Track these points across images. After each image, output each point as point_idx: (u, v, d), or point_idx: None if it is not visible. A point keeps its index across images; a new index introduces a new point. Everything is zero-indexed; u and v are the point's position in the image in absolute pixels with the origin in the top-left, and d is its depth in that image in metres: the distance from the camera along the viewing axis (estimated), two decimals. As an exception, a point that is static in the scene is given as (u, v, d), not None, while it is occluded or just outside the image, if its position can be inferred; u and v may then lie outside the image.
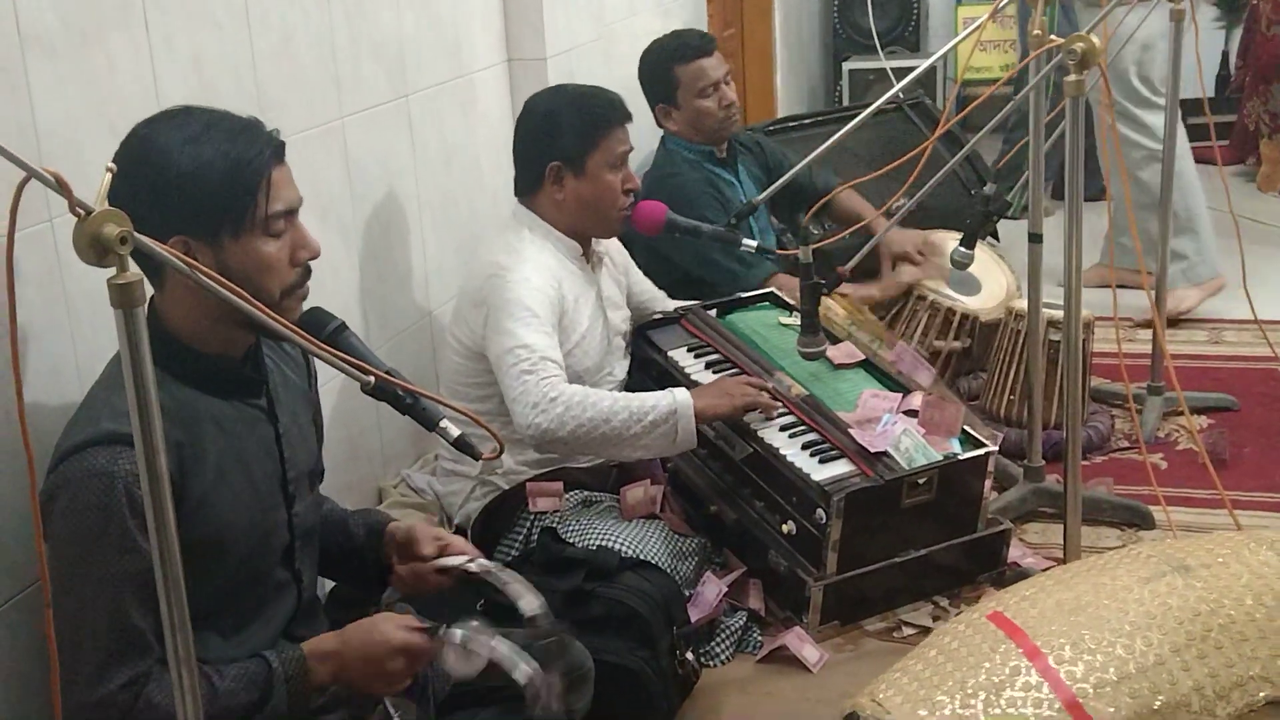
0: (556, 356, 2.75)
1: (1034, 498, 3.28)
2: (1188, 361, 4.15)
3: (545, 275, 2.84)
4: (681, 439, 2.75)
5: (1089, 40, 2.47)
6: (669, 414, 2.72)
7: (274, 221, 1.83)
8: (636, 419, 2.70)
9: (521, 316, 2.74)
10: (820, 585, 2.76)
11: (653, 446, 2.76)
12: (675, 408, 2.72)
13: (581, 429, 2.66)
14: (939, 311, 3.73)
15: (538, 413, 2.65)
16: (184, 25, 2.34)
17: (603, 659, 2.32)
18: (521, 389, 2.67)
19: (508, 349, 2.72)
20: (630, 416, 2.69)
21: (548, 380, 2.67)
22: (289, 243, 1.86)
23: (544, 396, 2.65)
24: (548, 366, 2.70)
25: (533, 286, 2.79)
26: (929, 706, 1.95)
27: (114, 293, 1.30)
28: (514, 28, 3.59)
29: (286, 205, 1.85)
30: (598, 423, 2.67)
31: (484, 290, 2.82)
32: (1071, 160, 2.55)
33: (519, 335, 2.72)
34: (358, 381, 1.66)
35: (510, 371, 2.70)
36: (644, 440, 2.73)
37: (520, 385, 2.68)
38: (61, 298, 2.03)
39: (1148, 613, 2.04)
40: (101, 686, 1.71)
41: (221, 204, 1.79)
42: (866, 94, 6.49)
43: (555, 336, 2.79)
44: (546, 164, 2.92)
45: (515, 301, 2.76)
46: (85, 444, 1.72)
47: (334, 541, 2.15)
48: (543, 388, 2.66)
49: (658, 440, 2.74)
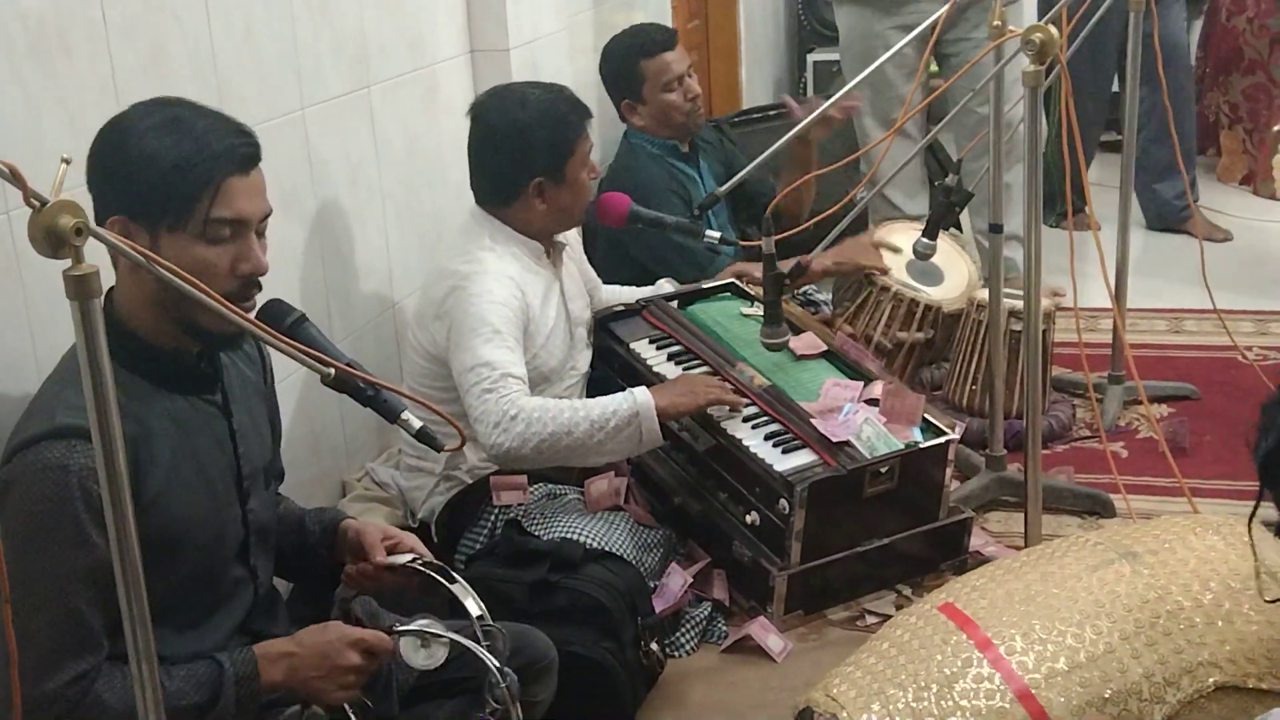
0: (519, 372, 2.73)
1: (996, 486, 3.30)
2: (1148, 351, 4.18)
3: (508, 286, 2.81)
4: (646, 439, 2.75)
5: (1048, 31, 2.49)
6: (630, 417, 2.71)
7: (216, 227, 1.80)
8: (599, 426, 2.69)
9: (483, 333, 2.73)
10: (784, 575, 2.77)
11: (619, 450, 2.76)
12: (637, 409, 2.72)
13: (545, 443, 2.65)
14: (902, 302, 3.74)
15: (499, 432, 2.64)
16: (142, 16, 2.32)
17: (567, 650, 2.33)
18: (483, 409, 2.66)
19: (469, 367, 2.71)
20: (592, 426, 2.69)
21: (507, 398, 2.66)
22: (231, 252, 1.82)
23: (504, 415, 2.64)
24: (509, 384, 2.69)
25: (495, 300, 2.77)
26: (882, 700, 1.97)
27: (70, 284, 1.29)
28: (477, 19, 3.58)
29: (235, 215, 1.81)
30: (559, 435, 2.66)
31: (446, 303, 2.80)
32: (1030, 151, 2.57)
33: (480, 353, 2.71)
34: (318, 374, 1.65)
35: (472, 390, 2.69)
36: (609, 445, 2.72)
37: (481, 405, 2.67)
38: (20, 290, 2.02)
39: (1096, 601, 2.06)
40: (48, 681, 1.70)
41: (161, 196, 1.77)
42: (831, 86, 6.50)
43: (519, 350, 2.77)
44: (528, 181, 2.88)
45: (476, 316, 2.74)
46: (39, 438, 1.71)
47: (290, 540, 2.14)
48: (502, 405, 2.65)
49: (623, 444, 2.74)
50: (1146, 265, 4.94)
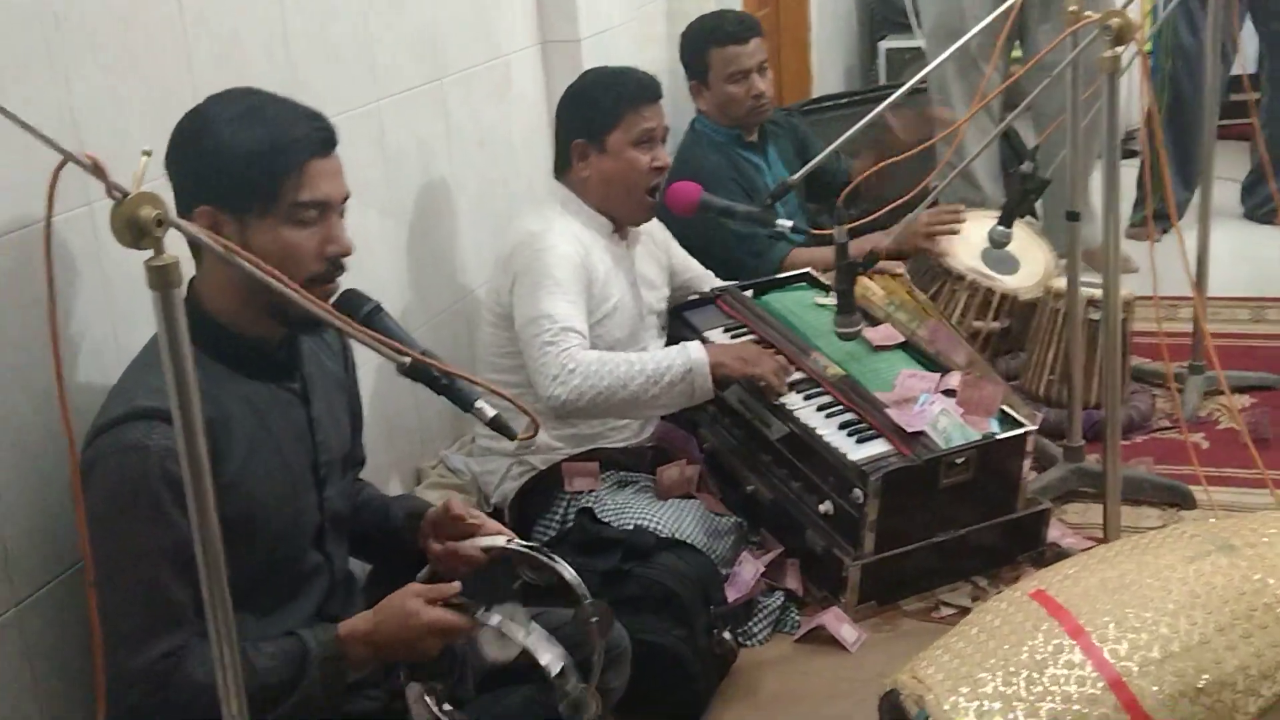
0: (580, 326, 2.76)
1: (1074, 478, 3.26)
2: (1229, 340, 4.11)
3: (573, 243, 2.85)
4: (699, 394, 2.79)
5: (1125, 16, 2.45)
6: (684, 373, 2.75)
7: (302, 210, 1.84)
8: (654, 380, 2.73)
9: (545, 285, 2.76)
10: (858, 565, 2.75)
11: (672, 404, 2.81)
12: (690, 365, 2.75)
13: (600, 397, 2.68)
14: (978, 292, 3.70)
15: (557, 384, 2.67)
16: (219, 8, 2.35)
17: (640, 638, 2.33)
18: (542, 360, 2.70)
19: (531, 318, 2.74)
20: (647, 380, 2.72)
21: (567, 351, 2.69)
22: (319, 234, 1.87)
23: (563, 368, 2.67)
24: (569, 337, 2.72)
25: (559, 254, 2.81)
26: (970, 684, 1.95)
27: (151, 275, 1.30)
28: (547, 10, 3.59)
29: (321, 197, 1.86)
30: (615, 389, 2.69)
31: (513, 255, 2.85)
32: (1110, 138, 2.53)
33: (542, 305, 2.74)
34: (394, 363, 1.67)
35: (533, 342, 2.72)
36: (662, 400, 2.77)
37: (542, 356, 2.70)
38: (101, 280, 2.05)
39: (1192, 592, 2.03)
40: (140, 657, 1.73)
41: (249, 183, 1.81)
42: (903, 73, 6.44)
43: (581, 305, 2.80)
44: (571, 141, 2.95)
45: (540, 269, 2.78)
46: (120, 419, 1.74)
47: (373, 524, 2.16)
48: (561, 359, 2.68)
49: (676, 398, 2.79)
50: (1230, 254, 4.85)
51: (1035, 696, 1.91)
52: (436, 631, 1.86)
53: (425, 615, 1.85)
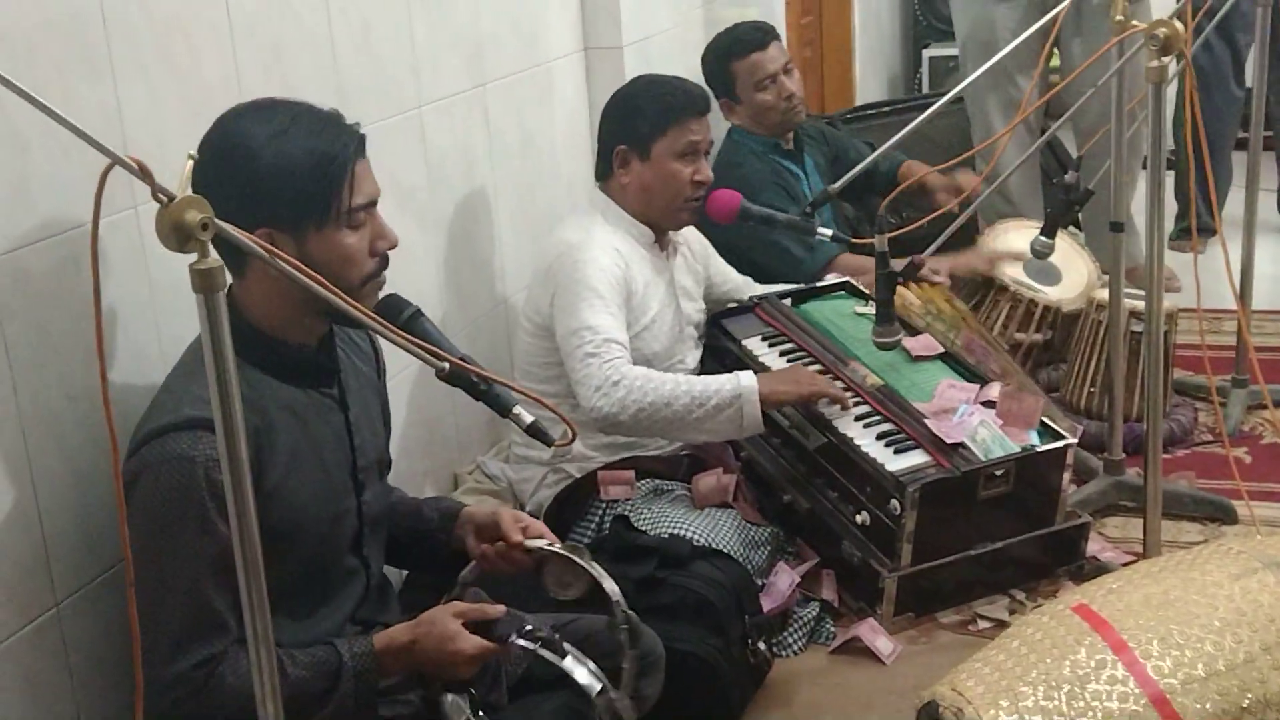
0: (622, 338, 2.75)
1: (1114, 491, 3.24)
2: (1273, 354, 4.07)
3: (612, 255, 2.85)
4: (748, 424, 2.74)
5: (1172, 26, 2.43)
6: (733, 398, 2.71)
7: (356, 214, 1.86)
8: (699, 403, 2.70)
9: (587, 297, 2.76)
10: (894, 577, 2.74)
11: (718, 431, 2.76)
12: (740, 392, 2.72)
13: (643, 413, 2.66)
14: (1020, 303, 3.69)
15: (600, 396, 2.66)
16: (264, 14, 2.36)
17: (674, 647, 2.32)
18: (585, 372, 2.69)
19: (573, 330, 2.74)
20: (693, 401, 2.69)
21: (610, 363, 2.68)
22: (368, 234, 1.89)
23: (606, 380, 2.66)
24: (612, 349, 2.71)
25: (599, 266, 2.80)
26: (1010, 697, 1.93)
27: (195, 278, 1.32)
28: (590, 16, 3.60)
29: (367, 198, 1.88)
30: (659, 406, 2.67)
31: (553, 268, 2.84)
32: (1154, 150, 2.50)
33: (584, 317, 2.74)
34: (433, 368, 1.67)
35: (575, 354, 2.72)
36: (708, 424, 2.72)
37: (584, 368, 2.69)
38: (145, 283, 2.07)
39: (1238, 609, 2.01)
40: (176, 664, 1.74)
41: (306, 199, 1.81)
42: (947, 81, 6.42)
43: (622, 316, 2.80)
44: (614, 147, 2.95)
45: (581, 282, 2.78)
46: (167, 429, 1.75)
47: (406, 527, 2.17)
48: (605, 371, 2.67)
49: (722, 424, 2.73)
50: (1273, 267, 4.80)
51: (1076, 711, 1.90)
52: (474, 660, 1.86)
53: (463, 643, 1.85)
